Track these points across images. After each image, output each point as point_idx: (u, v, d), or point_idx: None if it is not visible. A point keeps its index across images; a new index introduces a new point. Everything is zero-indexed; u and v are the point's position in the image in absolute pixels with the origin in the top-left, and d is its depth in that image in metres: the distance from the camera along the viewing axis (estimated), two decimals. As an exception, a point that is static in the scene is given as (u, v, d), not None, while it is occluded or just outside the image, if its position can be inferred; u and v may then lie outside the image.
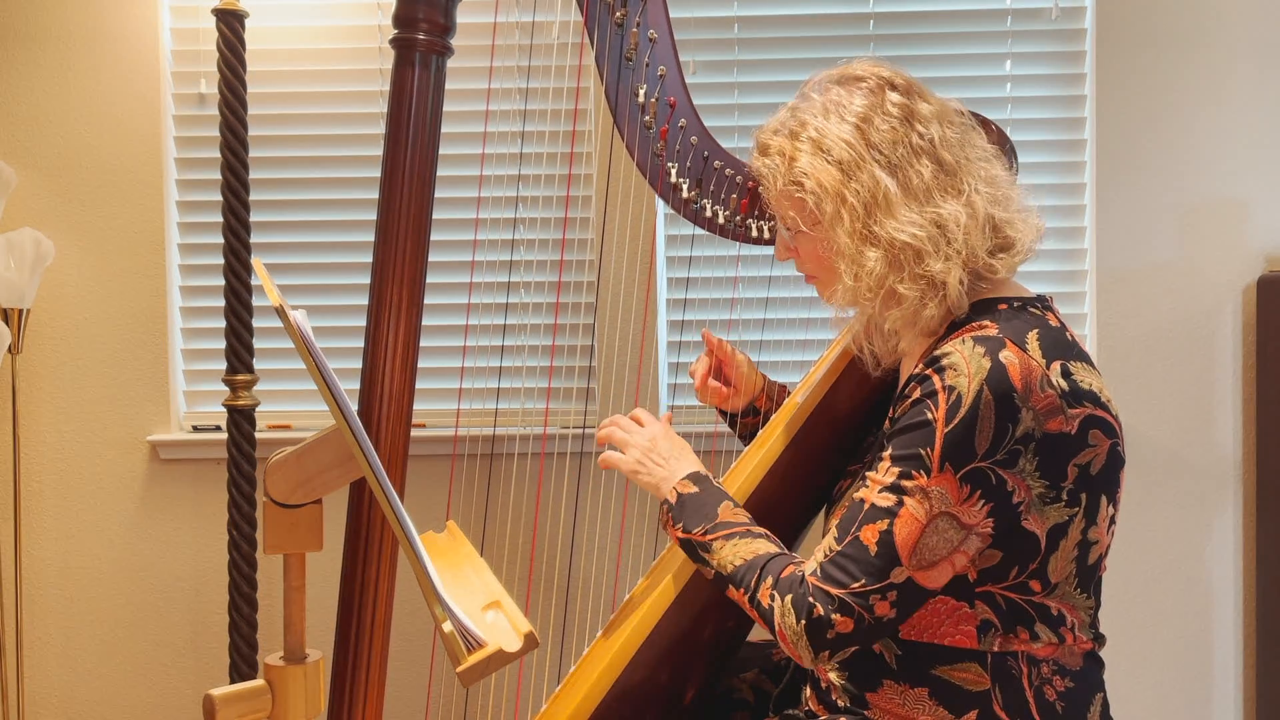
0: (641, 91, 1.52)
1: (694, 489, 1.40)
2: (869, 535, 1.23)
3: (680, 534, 1.38)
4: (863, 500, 1.25)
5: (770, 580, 1.28)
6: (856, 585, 1.22)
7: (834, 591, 1.23)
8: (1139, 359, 2.29)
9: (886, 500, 1.23)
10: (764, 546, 1.32)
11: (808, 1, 2.32)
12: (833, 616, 1.22)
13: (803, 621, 1.23)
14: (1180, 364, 2.28)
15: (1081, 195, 2.32)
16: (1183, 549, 2.30)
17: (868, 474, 1.27)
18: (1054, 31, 2.30)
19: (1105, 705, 1.33)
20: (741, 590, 1.30)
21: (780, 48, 2.33)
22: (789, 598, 1.25)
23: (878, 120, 1.29)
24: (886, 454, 1.25)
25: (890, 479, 1.23)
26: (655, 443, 1.47)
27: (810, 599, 1.23)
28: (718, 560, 1.33)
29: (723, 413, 1.71)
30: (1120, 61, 2.26)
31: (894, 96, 1.30)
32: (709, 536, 1.35)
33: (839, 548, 1.25)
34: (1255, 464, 2.25)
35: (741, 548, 1.32)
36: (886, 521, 1.22)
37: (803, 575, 1.26)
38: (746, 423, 1.69)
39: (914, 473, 1.21)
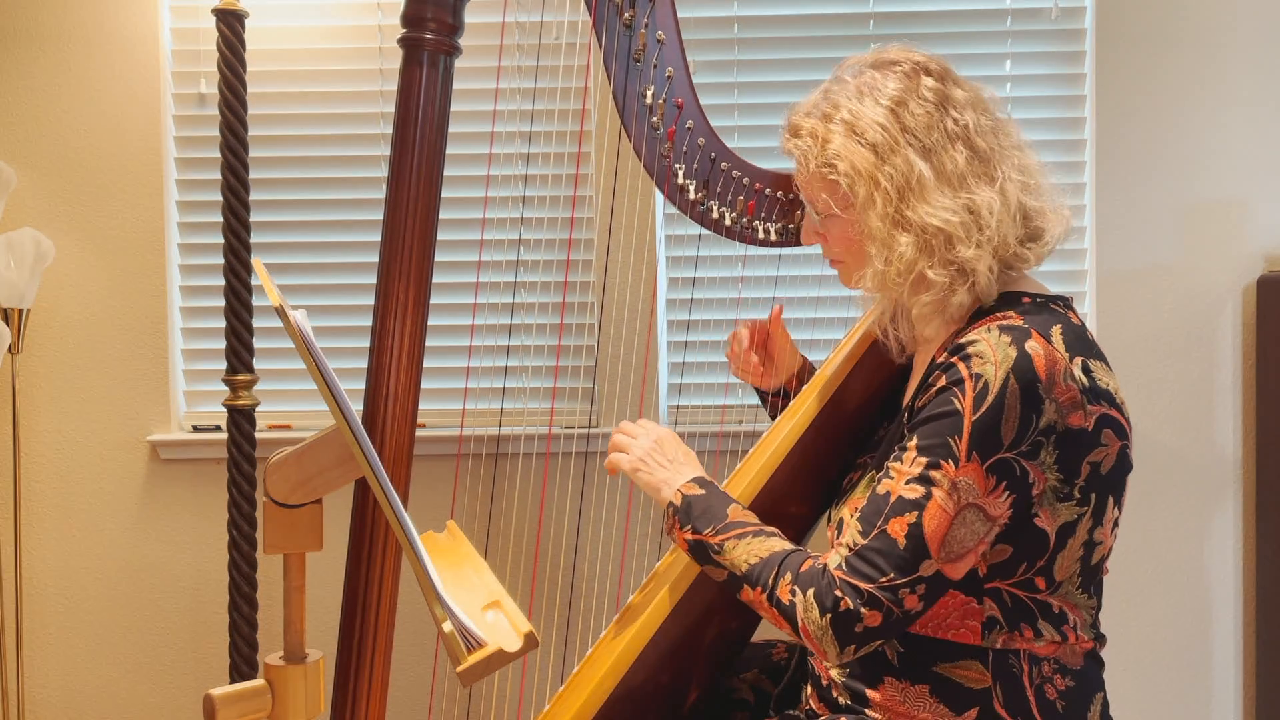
0: (649, 93, 1.52)
1: (700, 491, 1.39)
2: (897, 528, 1.21)
3: (690, 536, 1.36)
4: (889, 493, 1.24)
5: (790, 576, 1.26)
6: (885, 579, 1.21)
7: (863, 586, 1.21)
8: (1139, 359, 2.29)
9: (914, 492, 1.22)
10: (778, 544, 1.31)
11: (808, 1, 2.32)
12: (862, 610, 1.21)
13: (828, 615, 1.22)
14: (1180, 364, 2.29)
15: (1081, 195, 2.32)
16: (1183, 549, 2.30)
17: (891, 465, 1.26)
18: (1054, 31, 2.31)
19: (1105, 704, 1.33)
20: (759, 589, 1.28)
21: (780, 48, 2.33)
22: (810, 591, 1.24)
23: (912, 104, 1.28)
24: (911, 444, 1.24)
25: (917, 470, 1.22)
26: (661, 444, 1.46)
27: (837, 592, 1.22)
28: (730, 560, 1.32)
29: (759, 390, 1.72)
30: (1120, 61, 2.26)
31: (928, 81, 1.30)
32: (720, 537, 1.33)
33: (865, 541, 1.23)
34: (1255, 464, 2.26)
35: (755, 546, 1.31)
36: (915, 514, 1.21)
37: (824, 568, 1.25)
38: (776, 403, 1.69)
39: (942, 463, 1.20)
